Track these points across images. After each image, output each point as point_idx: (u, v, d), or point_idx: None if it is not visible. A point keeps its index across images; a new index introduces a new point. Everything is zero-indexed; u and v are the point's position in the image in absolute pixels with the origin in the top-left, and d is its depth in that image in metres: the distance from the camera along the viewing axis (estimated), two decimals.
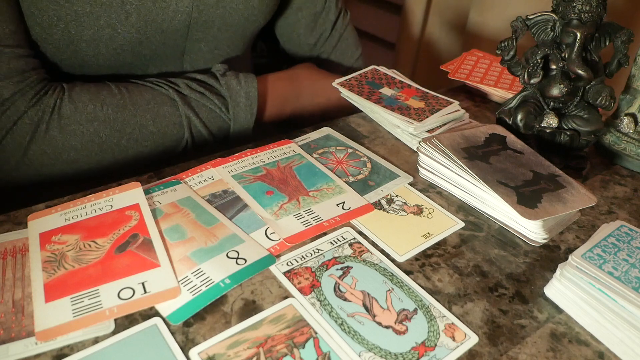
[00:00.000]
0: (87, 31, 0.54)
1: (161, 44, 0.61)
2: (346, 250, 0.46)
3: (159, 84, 0.60)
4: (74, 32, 0.54)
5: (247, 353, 0.36)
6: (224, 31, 0.65)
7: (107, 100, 0.56)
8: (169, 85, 0.61)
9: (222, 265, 0.42)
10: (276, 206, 0.50)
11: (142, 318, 0.38)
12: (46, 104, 0.53)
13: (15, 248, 0.43)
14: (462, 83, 0.77)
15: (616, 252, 0.43)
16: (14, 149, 0.52)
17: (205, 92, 0.62)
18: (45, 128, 0.53)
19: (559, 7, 0.56)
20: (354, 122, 0.66)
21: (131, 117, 0.57)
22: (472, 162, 0.52)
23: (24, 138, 0.52)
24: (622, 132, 0.62)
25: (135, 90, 0.59)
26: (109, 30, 0.55)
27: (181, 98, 0.60)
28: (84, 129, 0.55)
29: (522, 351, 0.39)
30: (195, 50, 0.65)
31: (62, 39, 0.54)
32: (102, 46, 0.56)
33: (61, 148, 0.54)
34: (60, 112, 0.54)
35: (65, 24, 0.53)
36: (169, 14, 0.58)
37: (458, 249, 0.47)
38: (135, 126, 0.57)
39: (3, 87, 0.51)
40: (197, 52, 0.66)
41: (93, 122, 0.55)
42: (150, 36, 0.58)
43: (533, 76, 0.57)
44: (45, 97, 0.53)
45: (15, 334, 0.36)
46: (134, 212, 0.46)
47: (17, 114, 0.52)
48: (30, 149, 0.53)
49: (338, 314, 0.39)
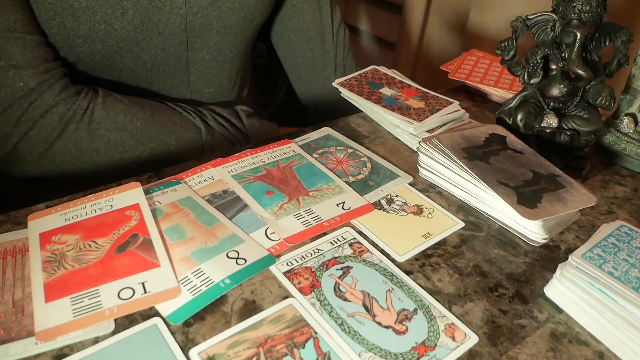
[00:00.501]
0: (83, 26, 0.55)
1: (161, 50, 0.61)
2: (346, 250, 0.46)
3: (187, 111, 0.64)
4: (69, 26, 0.55)
5: (247, 353, 0.36)
6: (224, 35, 0.65)
7: (138, 114, 0.58)
8: (196, 113, 0.64)
9: (222, 265, 0.42)
10: (276, 206, 0.50)
11: (142, 318, 0.38)
12: (79, 105, 0.55)
13: (15, 248, 0.43)
14: (462, 83, 0.77)
15: (616, 252, 0.43)
16: (39, 141, 0.54)
17: (230, 128, 0.66)
18: (75, 128, 0.54)
19: (559, 7, 0.56)
20: (354, 122, 0.66)
21: (157, 134, 0.59)
22: (472, 162, 0.52)
23: (51, 133, 0.54)
24: (622, 132, 0.62)
25: (165, 111, 0.61)
26: (105, 26, 0.56)
27: (206, 127, 0.63)
28: (111, 136, 0.56)
29: (522, 351, 0.39)
30: (199, 60, 0.66)
31: (58, 33, 0.55)
32: (98, 42, 0.57)
33: (85, 149, 0.56)
34: (93, 116, 0.55)
35: (62, 18, 0.54)
36: (164, 14, 0.58)
37: (458, 249, 0.47)
38: (158, 143, 0.60)
39: (29, 76, 0.52)
40: (200, 61, 0.66)
41: (121, 131, 0.57)
42: (148, 37, 0.59)
43: (533, 76, 0.57)
44: (77, 97, 0.55)
45: (15, 334, 0.36)
46: (134, 212, 0.46)
47: (45, 107, 0.53)
48: (56, 144, 0.54)
49: (338, 314, 0.39)
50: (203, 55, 0.65)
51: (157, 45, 0.60)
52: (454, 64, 0.80)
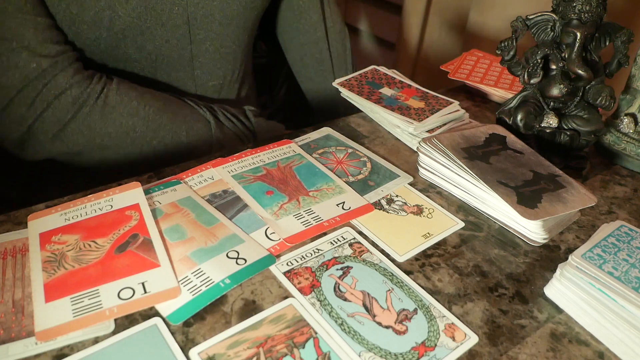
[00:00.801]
0: (88, 12, 0.56)
1: (165, 42, 0.62)
2: (346, 250, 0.46)
3: (198, 105, 0.66)
4: (75, 12, 0.55)
5: (247, 353, 0.36)
6: (226, 25, 0.66)
7: (150, 102, 0.60)
8: (207, 107, 0.66)
9: (222, 265, 0.42)
10: (276, 206, 0.50)
11: (142, 318, 0.38)
12: (93, 89, 0.56)
13: (15, 248, 0.43)
14: (462, 83, 0.77)
15: (616, 252, 0.43)
16: (53, 122, 0.55)
17: (238, 124, 0.68)
18: (88, 111, 0.55)
19: (559, 7, 0.56)
20: (354, 122, 0.66)
21: (168, 122, 0.61)
22: (472, 162, 0.52)
23: (65, 115, 0.55)
24: (622, 132, 0.62)
25: (176, 102, 0.63)
26: (109, 12, 0.56)
27: (216, 122, 0.65)
28: (124, 120, 0.58)
29: (522, 351, 0.39)
30: (202, 53, 0.67)
31: (64, 19, 0.55)
32: (103, 29, 0.57)
33: (97, 132, 0.57)
34: (107, 100, 0.57)
35: (67, 3, 0.54)
36: (167, 4, 0.60)
37: (458, 249, 0.47)
38: (169, 132, 0.61)
39: (42, 58, 0.53)
40: (204, 54, 0.67)
41: (133, 116, 0.58)
42: (152, 27, 0.60)
43: (533, 76, 0.57)
44: (90, 80, 0.56)
45: (15, 334, 0.36)
46: (134, 212, 0.46)
47: (59, 89, 0.54)
48: (69, 126, 0.55)
49: (338, 314, 0.39)
50: (206, 48, 0.67)
51: (161, 37, 0.61)
52: (454, 64, 0.80)
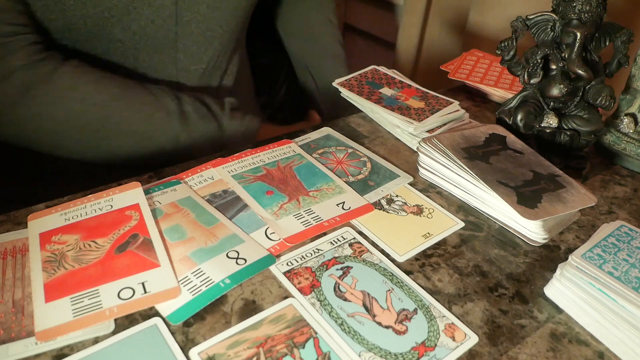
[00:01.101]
0: None
1: (150, 22, 0.60)
2: (346, 250, 0.46)
3: (165, 93, 0.62)
4: None
5: (247, 353, 0.36)
6: (214, 9, 0.65)
7: (104, 88, 0.58)
8: (173, 97, 0.63)
9: (222, 265, 0.42)
10: (276, 206, 0.50)
11: (142, 318, 0.38)
12: (42, 72, 0.54)
13: (15, 248, 0.43)
14: (462, 83, 0.77)
15: (616, 252, 0.43)
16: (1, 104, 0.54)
17: (207, 115, 0.64)
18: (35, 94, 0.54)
19: (559, 7, 0.56)
20: (354, 122, 0.66)
21: (122, 110, 0.58)
22: (472, 162, 0.52)
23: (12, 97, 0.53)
24: (622, 132, 0.62)
25: (135, 89, 0.60)
26: None
27: (180, 113, 0.62)
28: (74, 105, 0.56)
29: (522, 351, 0.39)
30: (187, 34, 0.65)
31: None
32: (90, 5, 0.56)
33: (45, 117, 0.55)
34: (58, 84, 0.55)
35: None
36: None
37: (458, 249, 0.47)
38: (122, 119, 0.58)
39: None
40: (189, 35, 0.65)
41: (85, 101, 0.56)
42: (138, 7, 0.58)
43: (533, 76, 0.57)
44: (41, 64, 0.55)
45: (15, 334, 0.36)
46: (134, 212, 0.46)
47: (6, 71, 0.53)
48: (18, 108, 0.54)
49: (338, 314, 0.39)
50: (192, 30, 0.65)
51: (147, 17, 0.60)
52: (454, 64, 0.80)
